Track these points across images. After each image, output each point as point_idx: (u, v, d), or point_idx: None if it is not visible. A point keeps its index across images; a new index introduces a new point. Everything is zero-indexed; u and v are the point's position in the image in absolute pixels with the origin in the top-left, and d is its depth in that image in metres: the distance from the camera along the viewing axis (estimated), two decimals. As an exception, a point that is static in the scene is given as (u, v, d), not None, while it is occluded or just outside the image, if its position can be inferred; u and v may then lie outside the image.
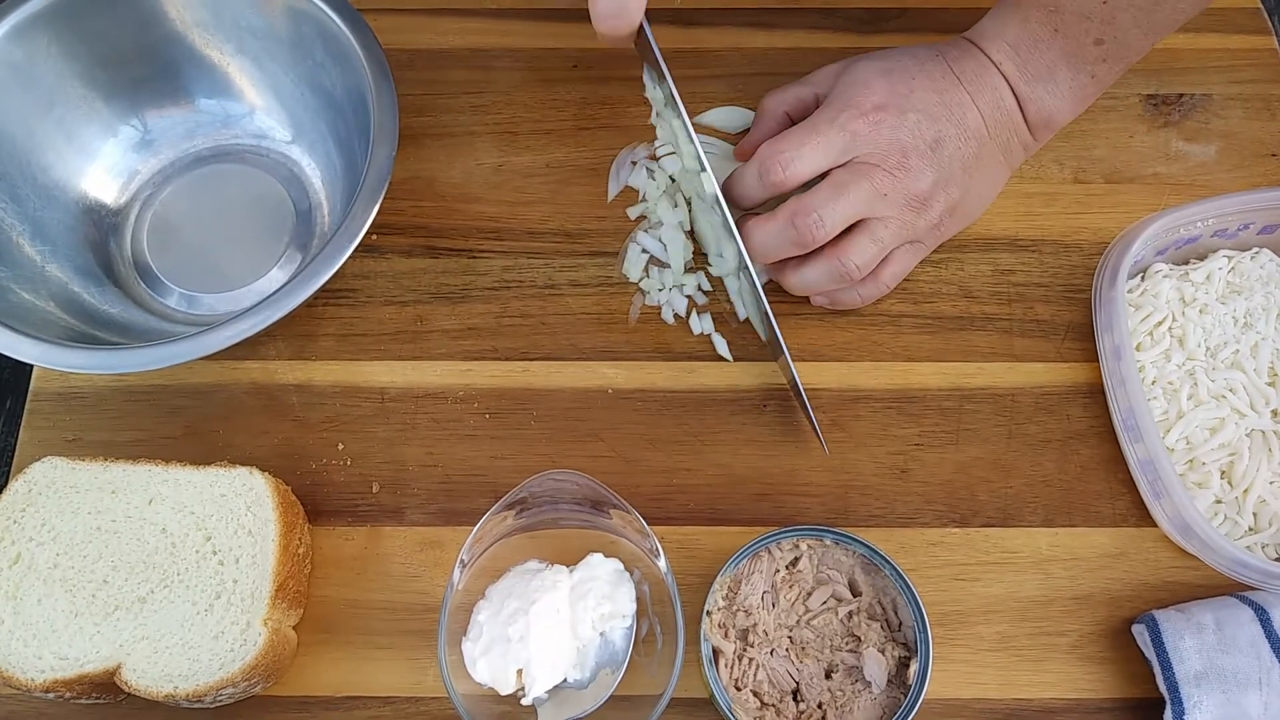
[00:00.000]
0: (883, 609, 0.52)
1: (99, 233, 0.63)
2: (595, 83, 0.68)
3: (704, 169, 0.55)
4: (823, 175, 0.56)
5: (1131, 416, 0.55)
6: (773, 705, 0.50)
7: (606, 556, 0.51)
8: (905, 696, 0.49)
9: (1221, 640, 0.50)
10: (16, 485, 0.53)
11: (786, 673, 0.51)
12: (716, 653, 0.51)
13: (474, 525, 0.51)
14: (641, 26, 0.54)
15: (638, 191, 0.64)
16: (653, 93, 0.60)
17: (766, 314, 0.55)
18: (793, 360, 0.56)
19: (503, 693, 0.49)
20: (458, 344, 0.60)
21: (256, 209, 0.64)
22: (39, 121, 0.61)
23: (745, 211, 0.60)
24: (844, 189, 0.55)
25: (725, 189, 0.59)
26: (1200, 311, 0.58)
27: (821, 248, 0.56)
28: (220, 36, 0.63)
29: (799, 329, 0.61)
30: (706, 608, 0.51)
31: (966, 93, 0.57)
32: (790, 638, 0.51)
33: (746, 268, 0.56)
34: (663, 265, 0.62)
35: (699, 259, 0.63)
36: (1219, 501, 0.55)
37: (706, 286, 0.62)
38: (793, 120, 0.62)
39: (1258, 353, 0.57)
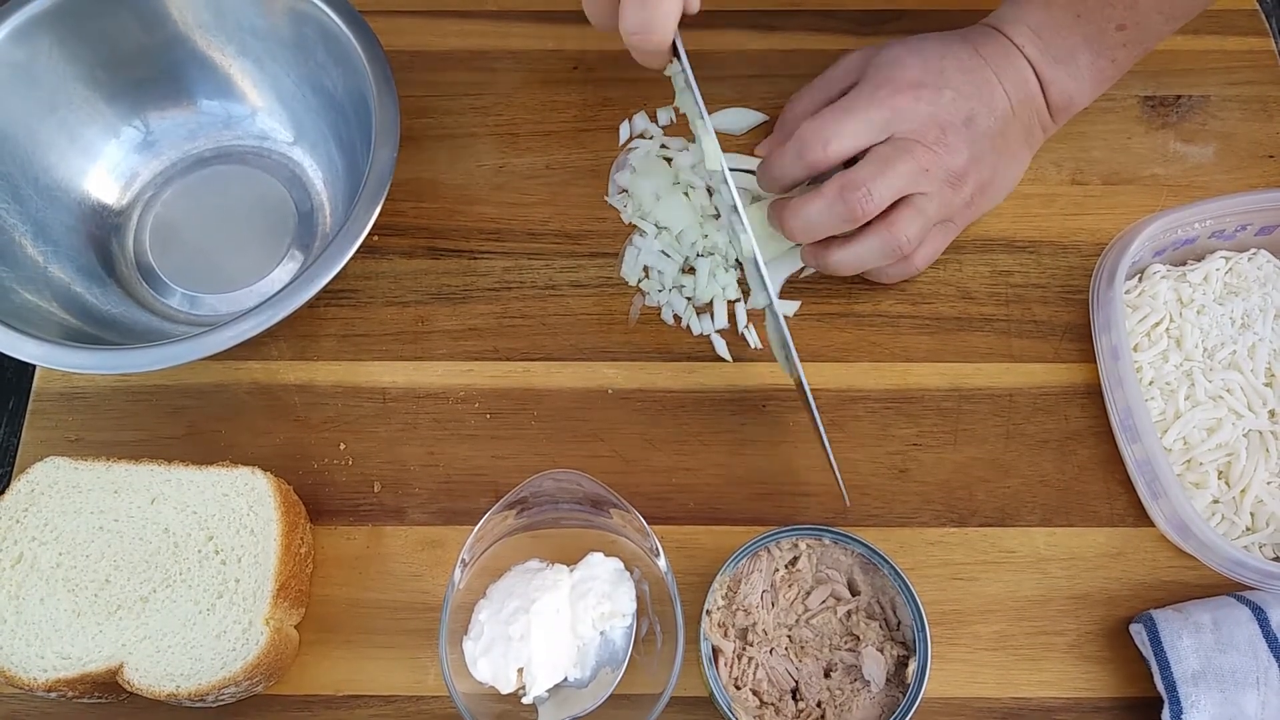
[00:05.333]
0: (881, 608, 0.52)
1: (101, 233, 0.63)
2: (596, 84, 0.68)
3: (739, 213, 0.55)
4: (859, 155, 0.56)
5: (1129, 417, 0.55)
6: (772, 704, 0.50)
7: (607, 556, 0.52)
8: (904, 695, 0.49)
9: (1219, 640, 0.50)
10: (19, 485, 0.53)
11: (786, 671, 0.51)
12: (716, 652, 0.51)
13: (475, 525, 0.51)
14: (675, 45, 0.53)
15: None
16: (684, 105, 0.60)
17: (791, 354, 0.54)
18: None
19: (503, 691, 0.49)
20: (459, 344, 0.61)
21: (258, 210, 0.64)
22: (41, 122, 0.61)
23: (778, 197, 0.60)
24: (890, 163, 0.55)
25: (761, 171, 0.59)
26: (1198, 312, 0.58)
27: (868, 223, 0.56)
28: (222, 38, 0.63)
29: (797, 330, 0.61)
30: (706, 607, 0.51)
31: (993, 72, 0.57)
32: (789, 637, 0.51)
33: (771, 306, 0.55)
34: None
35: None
36: (1216, 501, 0.56)
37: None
38: None
39: (1255, 353, 0.58)
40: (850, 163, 0.56)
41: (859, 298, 0.62)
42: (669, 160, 0.65)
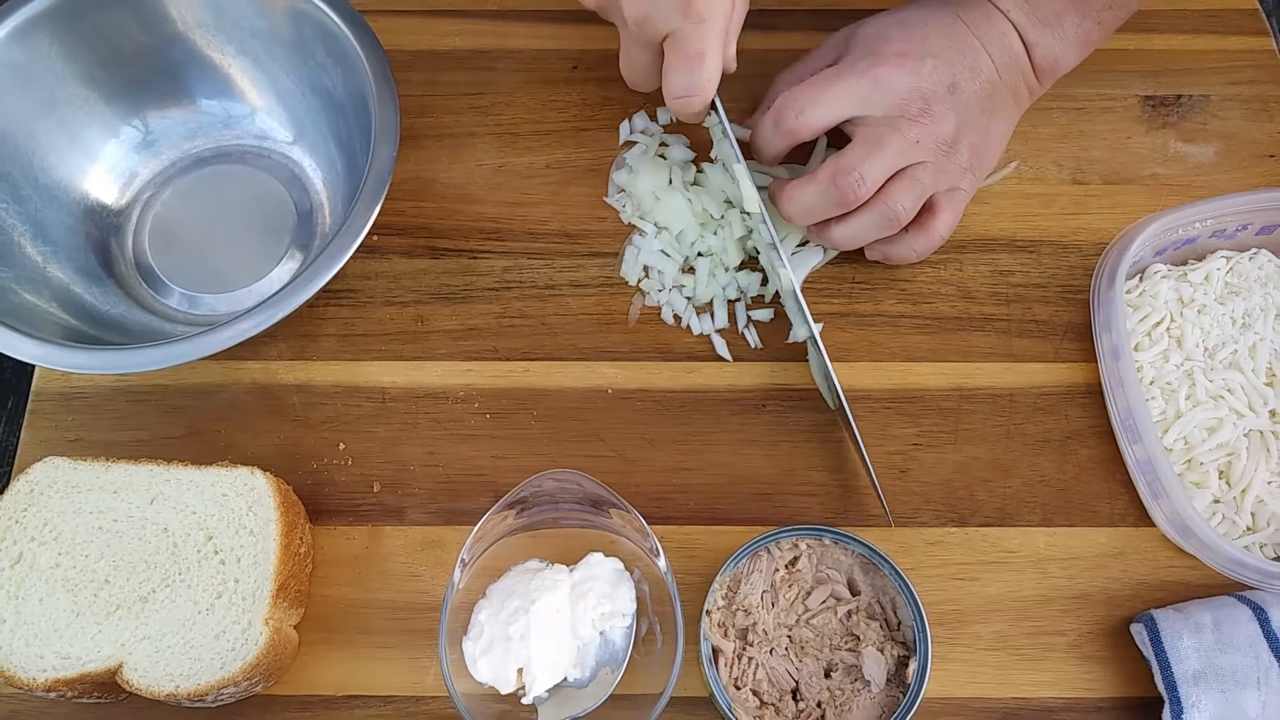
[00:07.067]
0: (882, 608, 0.52)
1: (100, 233, 0.63)
2: (595, 83, 0.68)
3: (775, 244, 0.55)
4: (842, 135, 0.57)
5: (1130, 417, 0.55)
6: (772, 704, 0.50)
7: (607, 556, 0.51)
8: (904, 695, 0.49)
9: (1220, 640, 0.50)
10: (18, 485, 0.53)
11: (786, 672, 0.51)
12: (716, 652, 0.51)
13: (475, 525, 0.51)
14: (714, 103, 0.55)
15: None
16: (721, 153, 0.60)
17: (833, 384, 0.55)
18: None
19: (503, 692, 0.49)
20: (458, 344, 0.61)
21: (258, 210, 0.64)
22: (40, 122, 0.61)
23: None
24: (879, 143, 0.55)
25: (750, 142, 0.60)
26: (1198, 312, 0.58)
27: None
28: (222, 37, 0.63)
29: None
30: (706, 607, 0.51)
31: (976, 38, 0.57)
32: (789, 637, 0.51)
33: (813, 337, 0.56)
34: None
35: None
36: (1217, 501, 0.56)
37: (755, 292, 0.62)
38: None
39: (1256, 353, 0.57)
40: (842, 142, 0.57)
41: (859, 297, 0.62)
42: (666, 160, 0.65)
